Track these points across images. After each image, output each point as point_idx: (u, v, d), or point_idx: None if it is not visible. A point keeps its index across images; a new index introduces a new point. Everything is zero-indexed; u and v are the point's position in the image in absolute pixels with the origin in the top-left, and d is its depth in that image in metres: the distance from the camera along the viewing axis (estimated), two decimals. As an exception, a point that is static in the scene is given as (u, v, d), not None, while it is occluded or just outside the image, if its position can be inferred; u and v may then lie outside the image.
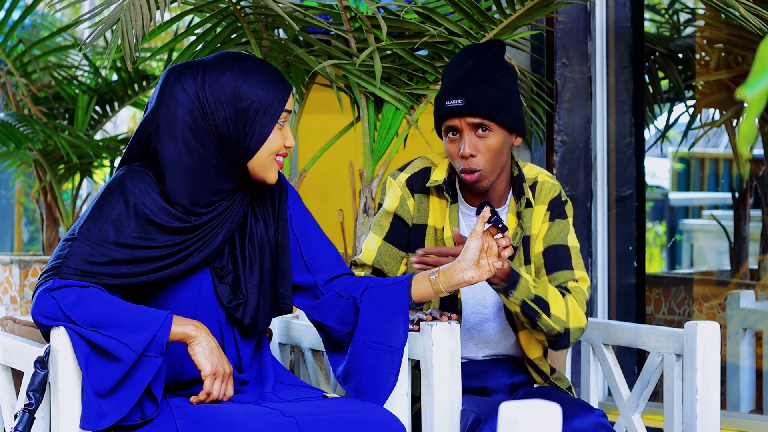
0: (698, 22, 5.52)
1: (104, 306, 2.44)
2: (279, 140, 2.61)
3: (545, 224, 2.99)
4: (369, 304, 2.68)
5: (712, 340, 2.91)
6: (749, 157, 5.16)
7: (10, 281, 4.98)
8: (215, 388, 2.52)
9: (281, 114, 2.60)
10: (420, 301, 2.71)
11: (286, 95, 2.61)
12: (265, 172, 2.61)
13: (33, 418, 2.42)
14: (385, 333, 2.67)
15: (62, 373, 2.39)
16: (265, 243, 2.68)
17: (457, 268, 2.66)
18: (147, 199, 2.55)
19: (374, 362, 2.67)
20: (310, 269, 2.76)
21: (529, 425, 1.65)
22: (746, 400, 4.64)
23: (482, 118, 2.87)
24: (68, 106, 5.30)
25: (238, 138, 2.58)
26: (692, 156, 6.19)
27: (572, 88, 4.20)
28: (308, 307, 2.76)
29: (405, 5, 3.55)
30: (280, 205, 2.73)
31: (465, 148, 2.87)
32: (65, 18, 8.11)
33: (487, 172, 2.90)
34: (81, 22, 3.50)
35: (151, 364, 2.43)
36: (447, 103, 2.90)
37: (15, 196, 8.03)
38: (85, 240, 2.50)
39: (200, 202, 2.59)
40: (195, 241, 2.58)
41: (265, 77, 2.60)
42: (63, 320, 2.42)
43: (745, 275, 5.24)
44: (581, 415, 2.77)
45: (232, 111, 2.57)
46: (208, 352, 2.51)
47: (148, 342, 2.42)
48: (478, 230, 2.66)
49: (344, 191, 4.03)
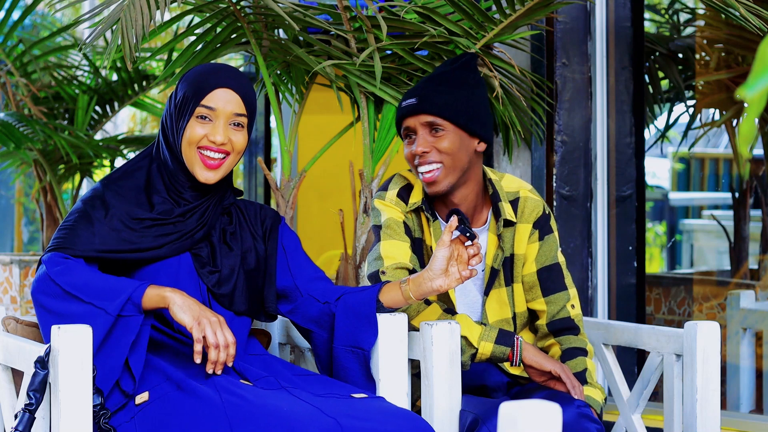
0: (698, 22, 5.52)
1: (86, 275, 2.59)
2: (199, 132, 2.71)
3: (534, 244, 2.99)
4: (343, 310, 2.75)
5: (712, 340, 2.91)
6: (749, 157, 5.16)
7: (10, 281, 4.98)
8: (208, 334, 2.55)
9: (196, 108, 2.70)
10: (392, 307, 2.76)
11: (206, 90, 2.70)
12: (192, 166, 2.73)
13: (33, 418, 2.43)
14: (357, 336, 2.73)
15: (62, 373, 2.39)
16: (251, 247, 2.82)
17: (425, 277, 2.70)
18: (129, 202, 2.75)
19: (351, 365, 2.74)
20: (292, 273, 2.85)
21: (529, 425, 1.65)
22: (746, 400, 4.64)
23: (434, 116, 2.89)
24: (68, 106, 5.30)
25: (172, 132, 2.74)
26: (692, 156, 6.19)
27: (572, 88, 4.20)
28: (289, 311, 2.84)
29: (405, 5, 3.55)
30: (272, 228, 2.86)
31: (417, 147, 2.89)
32: (65, 18, 8.11)
33: (444, 172, 2.89)
34: (81, 22, 3.50)
35: (131, 324, 2.53)
36: (403, 103, 2.94)
37: (15, 196, 8.02)
38: (73, 230, 2.66)
39: (178, 196, 2.75)
40: (169, 232, 2.72)
41: (199, 74, 2.74)
42: (52, 289, 2.56)
43: (745, 275, 5.24)
44: (562, 407, 2.77)
45: (171, 107, 2.75)
46: (185, 307, 2.57)
47: (123, 304, 2.53)
48: (445, 240, 2.68)
49: (344, 191, 4.03)
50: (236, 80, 2.74)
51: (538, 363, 2.86)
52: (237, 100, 2.72)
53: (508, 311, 2.99)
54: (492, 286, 2.97)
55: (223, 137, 2.70)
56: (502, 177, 3.03)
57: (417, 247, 2.97)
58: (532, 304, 3.02)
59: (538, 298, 3.00)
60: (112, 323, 2.52)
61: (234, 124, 2.73)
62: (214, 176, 2.72)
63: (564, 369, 2.86)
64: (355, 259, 3.57)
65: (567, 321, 2.98)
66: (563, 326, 2.99)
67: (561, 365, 2.87)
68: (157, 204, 2.73)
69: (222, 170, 2.73)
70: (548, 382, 2.88)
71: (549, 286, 2.99)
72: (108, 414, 2.48)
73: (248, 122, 2.76)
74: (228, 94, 2.71)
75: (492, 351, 2.84)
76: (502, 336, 2.85)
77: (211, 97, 2.70)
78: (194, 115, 2.71)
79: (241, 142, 2.74)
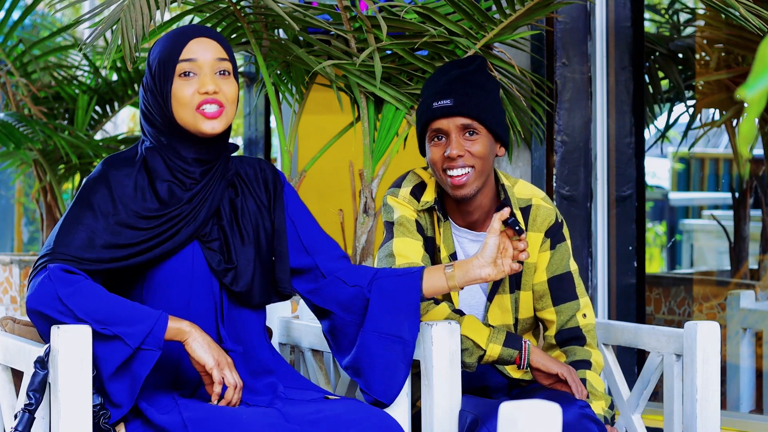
0: (698, 22, 5.52)
1: (101, 299, 2.46)
2: (188, 90, 2.59)
3: (546, 253, 2.97)
4: (379, 294, 2.66)
5: (712, 340, 2.91)
6: (749, 157, 5.17)
7: (10, 281, 4.99)
8: (227, 375, 2.51)
9: (176, 66, 2.59)
10: (430, 296, 2.69)
11: (180, 46, 2.60)
12: (196, 126, 2.60)
13: (33, 418, 2.42)
14: (396, 325, 2.65)
15: (62, 373, 2.39)
16: (260, 224, 2.69)
17: (475, 264, 2.64)
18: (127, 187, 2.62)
19: (385, 354, 2.66)
20: (309, 251, 2.74)
21: (529, 425, 1.65)
22: (746, 400, 4.64)
23: (472, 119, 2.84)
24: (68, 106, 5.30)
25: (155, 99, 2.62)
26: (692, 156, 6.19)
27: (572, 88, 4.20)
28: (309, 291, 2.74)
29: (405, 5, 3.55)
30: (276, 193, 2.73)
31: (452, 150, 2.82)
32: (65, 18, 8.11)
33: (474, 176, 2.85)
34: (81, 22, 3.49)
35: (148, 357, 2.44)
36: (435, 104, 2.86)
37: (15, 196, 8.03)
38: (79, 225, 2.55)
39: (178, 176, 2.62)
40: (179, 220, 2.60)
41: (167, 38, 2.63)
42: (60, 309, 2.43)
43: (745, 275, 5.24)
44: (564, 407, 2.77)
45: (149, 80, 2.63)
46: (206, 346, 2.50)
47: (144, 335, 2.43)
48: (496, 227, 2.63)
49: (344, 191, 4.03)
50: (207, 30, 2.64)
51: (544, 366, 2.85)
52: (215, 46, 2.61)
53: (510, 318, 2.98)
54: (496, 291, 2.95)
55: (214, 86, 2.58)
56: (515, 183, 3.00)
57: (429, 246, 2.95)
58: (542, 313, 3.00)
59: (548, 308, 2.98)
60: (130, 354, 2.44)
61: (219, 72, 2.60)
62: (220, 124, 2.59)
63: (570, 372, 2.85)
64: (356, 259, 3.57)
65: (574, 331, 2.97)
66: (570, 336, 2.97)
67: (567, 368, 2.86)
68: (161, 191, 2.62)
69: (224, 118, 2.60)
70: (555, 385, 2.87)
71: (560, 295, 2.97)
72: (108, 414, 2.47)
73: (233, 68, 2.63)
74: (204, 42, 2.61)
75: (500, 353, 2.84)
76: (510, 338, 2.85)
77: (188, 50, 2.59)
78: (176, 73, 2.59)
79: (232, 91, 2.61)
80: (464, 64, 2.94)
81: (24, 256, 5.20)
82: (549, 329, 3.00)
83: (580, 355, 2.95)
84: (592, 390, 2.90)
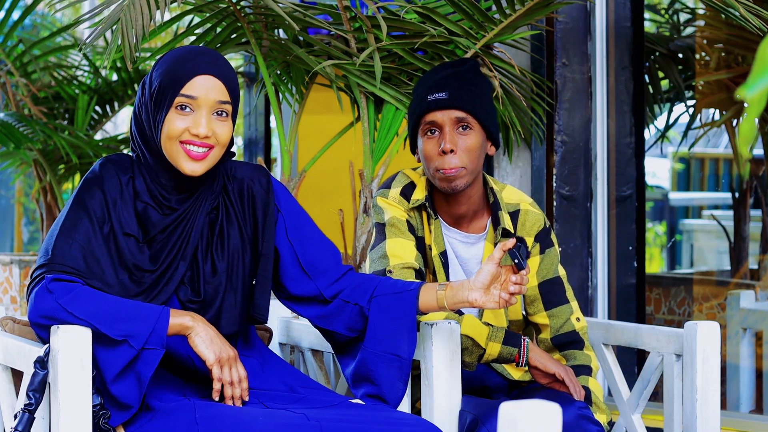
0: (698, 22, 5.52)
1: (101, 301, 2.45)
2: (179, 125, 2.52)
3: (535, 258, 2.99)
4: (377, 313, 2.65)
5: (712, 340, 2.91)
6: (749, 157, 5.16)
7: (10, 281, 4.98)
8: (224, 374, 2.50)
9: (175, 98, 2.51)
10: (424, 312, 2.69)
11: (185, 78, 2.51)
12: (176, 160, 2.53)
13: (33, 418, 2.42)
14: (394, 343, 2.65)
15: (62, 373, 2.39)
16: (238, 253, 2.64)
17: (465, 286, 2.61)
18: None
19: (384, 371, 2.66)
20: (309, 275, 2.71)
21: (529, 425, 1.65)
22: (746, 400, 4.64)
23: (466, 112, 2.86)
24: (68, 106, 5.30)
25: (148, 125, 2.56)
26: (692, 156, 6.19)
27: (572, 88, 4.20)
28: (316, 317, 2.72)
29: (405, 5, 3.55)
30: (267, 216, 2.67)
31: (446, 143, 2.84)
32: (65, 18, 8.11)
33: (466, 171, 2.86)
34: (81, 22, 3.49)
35: (152, 357, 2.43)
36: (429, 97, 2.87)
37: (15, 196, 8.03)
38: (75, 234, 2.52)
39: (157, 198, 2.58)
40: (164, 270, 2.57)
41: (175, 60, 2.54)
42: (63, 316, 2.42)
43: (745, 275, 5.24)
44: (563, 408, 2.77)
45: (147, 97, 2.56)
46: (208, 341, 2.49)
47: (147, 335, 2.42)
48: (495, 256, 2.60)
49: (344, 191, 4.03)
50: (217, 65, 2.54)
51: (543, 364, 2.86)
52: (220, 87, 2.52)
53: (503, 320, 2.99)
54: None
55: (206, 129, 2.51)
56: (503, 188, 3.02)
57: (419, 245, 2.96)
58: (534, 317, 3.01)
59: (540, 312, 3.00)
60: (134, 355, 2.42)
61: (218, 113, 2.53)
62: (201, 167, 2.52)
63: (568, 372, 2.86)
64: (356, 259, 3.57)
65: (572, 335, 2.98)
66: (568, 340, 2.98)
67: (565, 368, 2.86)
68: (140, 209, 2.57)
69: (207, 161, 2.53)
70: (552, 385, 2.88)
71: (551, 299, 2.99)
72: (108, 414, 2.46)
73: (232, 110, 2.56)
74: (210, 81, 2.51)
75: (500, 352, 2.84)
76: (509, 337, 2.85)
77: (192, 86, 2.50)
78: (173, 105, 2.51)
79: (225, 134, 2.54)
80: (458, 64, 2.97)
81: (24, 256, 5.20)
82: (543, 332, 3.02)
83: (580, 359, 2.96)
84: (596, 401, 2.90)
